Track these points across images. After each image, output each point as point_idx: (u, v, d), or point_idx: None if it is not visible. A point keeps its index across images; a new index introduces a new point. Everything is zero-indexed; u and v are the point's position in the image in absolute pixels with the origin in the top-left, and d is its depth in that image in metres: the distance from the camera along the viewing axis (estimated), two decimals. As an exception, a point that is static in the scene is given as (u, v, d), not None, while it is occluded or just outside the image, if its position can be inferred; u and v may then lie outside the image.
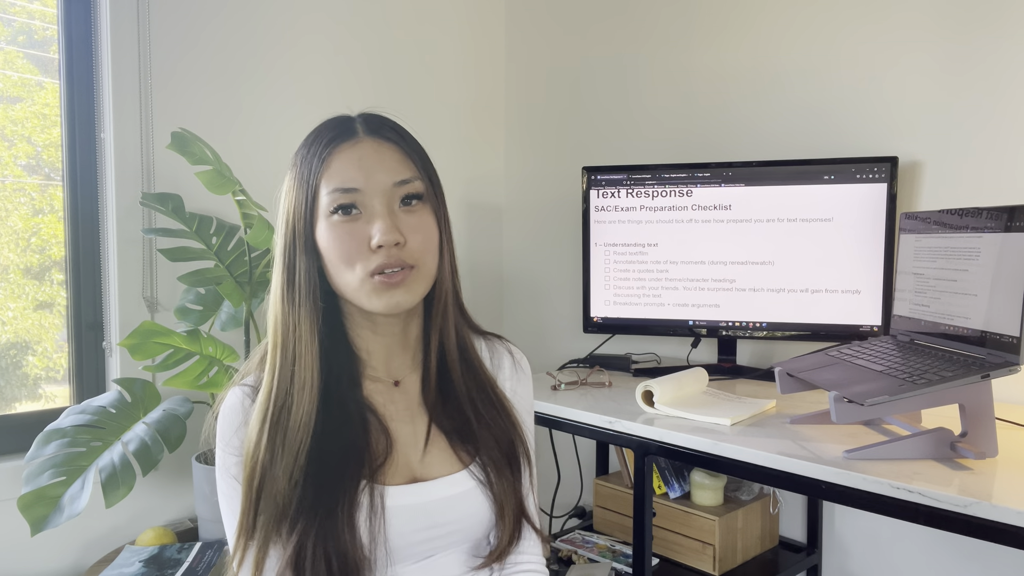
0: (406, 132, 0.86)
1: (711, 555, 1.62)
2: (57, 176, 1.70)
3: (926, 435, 1.09)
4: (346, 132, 0.83)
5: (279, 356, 0.83)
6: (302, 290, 0.83)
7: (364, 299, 0.81)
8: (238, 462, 0.82)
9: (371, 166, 0.81)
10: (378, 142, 0.83)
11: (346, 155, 0.82)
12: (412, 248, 0.81)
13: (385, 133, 0.84)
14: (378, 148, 0.83)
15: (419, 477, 0.85)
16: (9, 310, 1.65)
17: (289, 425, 0.80)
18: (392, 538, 0.80)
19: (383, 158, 0.82)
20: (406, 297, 0.81)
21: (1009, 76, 1.49)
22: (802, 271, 1.65)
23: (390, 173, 0.82)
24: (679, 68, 2.01)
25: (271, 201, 1.76)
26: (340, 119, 0.85)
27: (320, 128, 0.85)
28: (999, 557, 1.52)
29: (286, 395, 0.81)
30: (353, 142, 0.82)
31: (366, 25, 2.09)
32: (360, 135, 0.83)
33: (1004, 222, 1.09)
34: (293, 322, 0.83)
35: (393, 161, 0.83)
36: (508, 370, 0.97)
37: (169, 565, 1.45)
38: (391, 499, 0.81)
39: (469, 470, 0.86)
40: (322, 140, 0.83)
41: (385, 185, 0.81)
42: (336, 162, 0.81)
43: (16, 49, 1.66)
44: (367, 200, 0.81)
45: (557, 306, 2.32)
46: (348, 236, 0.80)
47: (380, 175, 0.81)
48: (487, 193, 2.43)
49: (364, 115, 0.86)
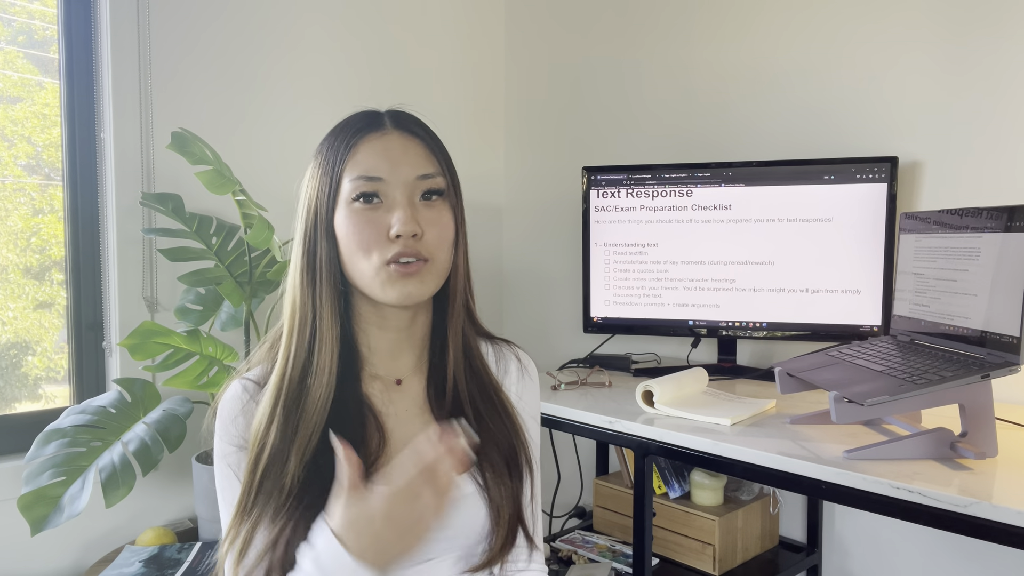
0: (431, 131, 0.89)
1: (711, 555, 1.62)
2: (57, 176, 1.70)
3: (926, 435, 1.09)
4: (374, 124, 0.85)
5: (295, 340, 0.84)
6: (323, 273, 0.84)
7: (377, 288, 0.82)
8: (234, 451, 0.83)
9: (396, 158, 0.83)
10: (405, 136, 0.85)
11: (373, 145, 0.84)
12: (428, 241, 0.83)
13: (412, 128, 0.86)
14: (404, 141, 0.85)
15: None
16: (9, 310, 1.65)
17: (305, 407, 0.81)
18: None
19: (408, 151, 0.84)
20: (419, 288, 0.82)
21: (1009, 76, 1.49)
22: (802, 271, 1.65)
23: (414, 166, 0.84)
24: (679, 68, 2.01)
25: (271, 201, 1.77)
26: (369, 112, 0.87)
27: (348, 119, 0.87)
28: (999, 557, 1.52)
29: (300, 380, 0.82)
30: (381, 133, 0.85)
31: (366, 24, 2.09)
32: (388, 128, 0.85)
33: (1004, 222, 1.09)
34: (314, 305, 0.84)
35: (418, 155, 0.84)
36: (515, 375, 0.97)
37: (169, 565, 1.45)
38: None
39: (469, 474, 0.86)
40: (350, 130, 0.85)
41: (408, 177, 0.83)
42: (362, 151, 0.83)
43: (16, 49, 1.66)
44: (389, 190, 0.82)
45: (557, 306, 2.32)
46: (368, 224, 0.82)
47: (404, 167, 0.83)
48: (487, 193, 2.43)
49: (392, 110, 0.88)
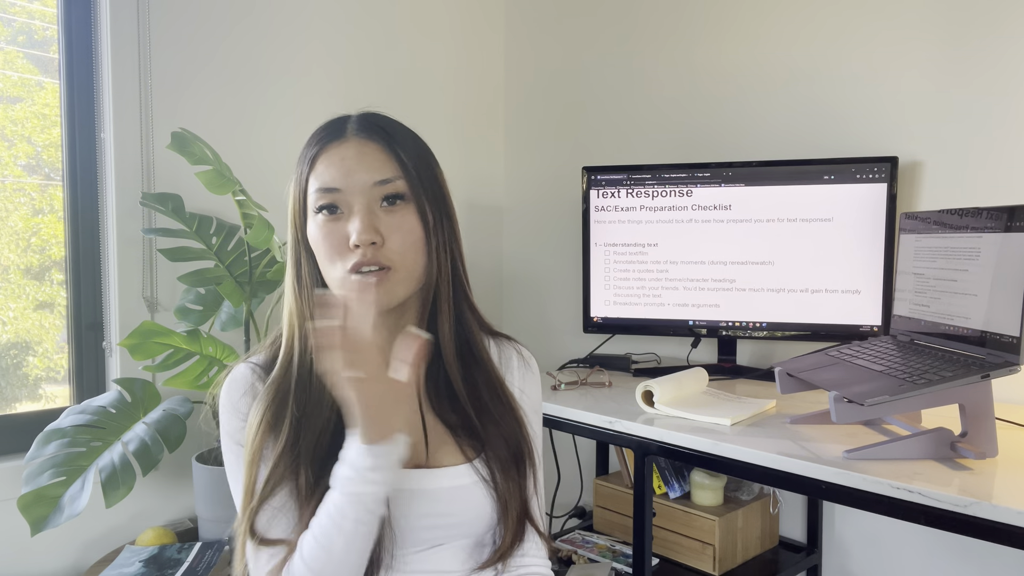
0: (399, 131, 0.87)
1: (711, 555, 1.63)
2: (57, 176, 1.70)
3: (926, 435, 1.09)
4: (335, 133, 0.85)
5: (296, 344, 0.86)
6: (307, 283, 0.87)
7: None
8: (243, 427, 0.84)
9: (352, 167, 0.83)
10: (362, 142, 0.84)
11: (330, 155, 0.84)
12: (390, 248, 0.83)
13: (373, 132, 0.85)
14: (361, 148, 0.84)
15: (421, 464, 0.86)
16: (9, 310, 1.65)
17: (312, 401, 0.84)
18: (396, 519, 0.82)
19: (364, 158, 0.83)
20: (384, 297, 0.83)
21: (1010, 76, 1.49)
22: (802, 271, 1.65)
23: (370, 172, 0.83)
24: (679, 68, 2.01)
25: (271, 201, 1.76)
26: (334, 120, 0.87)
27: (317, 129, 0.87)
28: (999, 557, 1.52)
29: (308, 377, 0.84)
30: (339, 142, 0.84)
31: (366, 24, 2.09)
32: (347, 135, 0.85)
33: (1004, 222, 1.09)
34: (306, 312, 0.86)
35: (376, 161, 0.83)
36: (516, 370, 0.98)
37: (169, 565, 1.45)
38: (397, 480, 0.82)
39: (472, 465, 0.87)
40: (313, 141, 0.86)
41: (365, 184, 0.83)
42: (321, 162, 0.84)
43: (16, 49, 1.66)
44: (348, 199, 0.83)
45: (557, 306, 2.32)
46: (330, 234, 0.83)
47: (360, 174, 0.83)
48: (487, 193, 2.43)
49: (359, 115, 0.87)
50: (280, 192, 1.84)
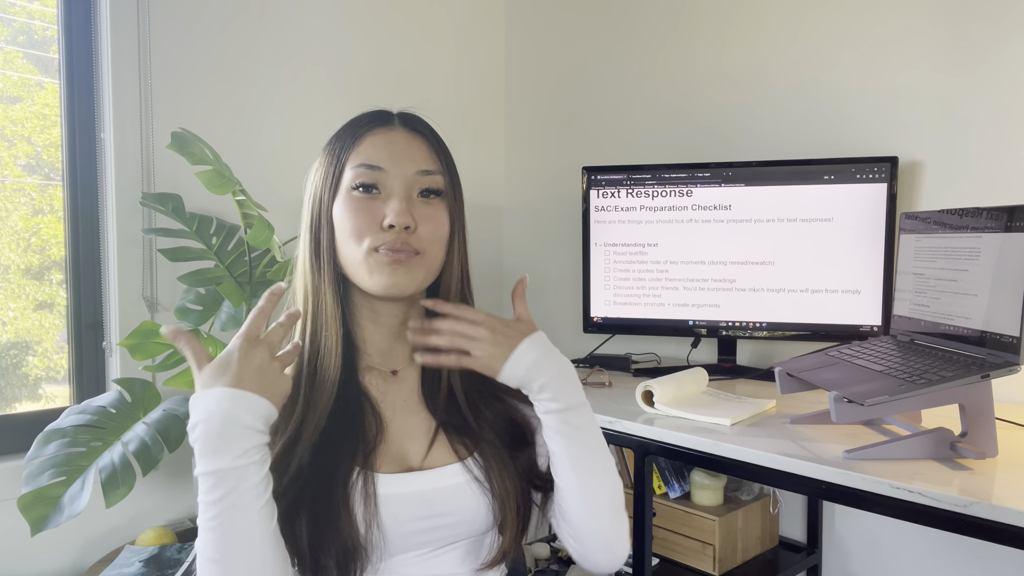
0: (438, 134, 0.91)
1: (711, 555, 1.62)
2: (57, 176, 1.70)
3: (926, 435, 1.09)
4: (383, 119, 0.88)
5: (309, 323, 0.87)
6: (325, 257, 0.87)
7: (365, 275, 0.84)
8: None
9: (399, 151, 0.85)
10: (410, 133, 0.88)
11: (378, 138, 0.86)
12: (421, 235, 0.84)
13: (418, 127, 0.89)
14: (409, 138, 0.87)
15: (414, 467, 0.85)
16: (9, 310, 1.65)
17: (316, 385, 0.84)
18: (388, 526, 0.80)
19: (412, 147, 0.87)
20: (405, 278, 0.83)
21: (1010, 76, 1.49)
22: (802, 271, 1.65)
23: (416, 162, 0.86)
24: (679, 68, 2.01)
25: (271, 201, 1.76)
26: (379, 110, 0.90)
27: (358, 115, 0.90)
28: (999, 557, 1.52)
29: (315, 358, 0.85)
30: (388, 128, 0.87)
31: (366, 24, 2.09)
32: (395, 124, 0.88)
33: (1004, 222, 1.09)
34: (322, 288, 0.87)
35: (421, 152, 0.87)
36: None
37: (169, 565, 1.45)
38: (383, 487, 0.81)
39: (464, 463, 0.86)
40: (358, 123, 0.88)
41: (409, 172, 0.85)
42: (367, 142, 0.86)
43: (16, 49, 1.66)
44: (389, 181, 0.84)
45: (557, 306, 2.32)
46: (363, 211, 0.84)
47: (406, 161, 0.85)
48: (487, 193, 2.43)
49: (402, 112, 0.91)
50: (280, 192, 1.85)
